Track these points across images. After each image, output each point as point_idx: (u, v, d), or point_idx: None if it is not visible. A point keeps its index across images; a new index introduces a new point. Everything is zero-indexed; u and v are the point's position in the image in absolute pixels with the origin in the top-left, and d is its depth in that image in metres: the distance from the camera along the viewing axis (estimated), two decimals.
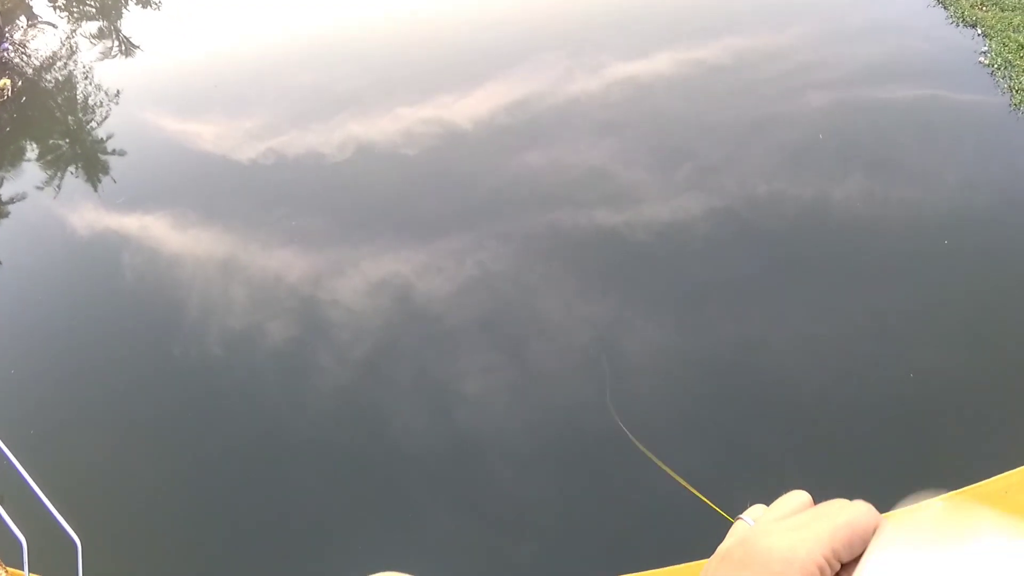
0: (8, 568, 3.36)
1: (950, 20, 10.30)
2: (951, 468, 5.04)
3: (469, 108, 9.91)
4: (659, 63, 10.26)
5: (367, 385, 6.58)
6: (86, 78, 12.97)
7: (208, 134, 10.41)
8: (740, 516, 0.65)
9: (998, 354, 5.90)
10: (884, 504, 0.68)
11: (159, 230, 8.74)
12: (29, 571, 2.86)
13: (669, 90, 9.77)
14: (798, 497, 0.64)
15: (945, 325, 6.26)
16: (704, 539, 0.67)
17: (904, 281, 6.70)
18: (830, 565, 0.56)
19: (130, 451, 6.21)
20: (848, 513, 0.58)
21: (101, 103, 12.21)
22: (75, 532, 3.16)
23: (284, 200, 8.90)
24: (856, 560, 0.58)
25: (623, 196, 8.04)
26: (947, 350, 6.01)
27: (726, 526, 0.65)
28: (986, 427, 5.35)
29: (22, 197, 10.16)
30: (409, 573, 0.74)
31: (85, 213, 9.42)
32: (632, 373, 6.27)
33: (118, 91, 12.24)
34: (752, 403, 5.90)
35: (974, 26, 10.04)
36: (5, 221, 9.91)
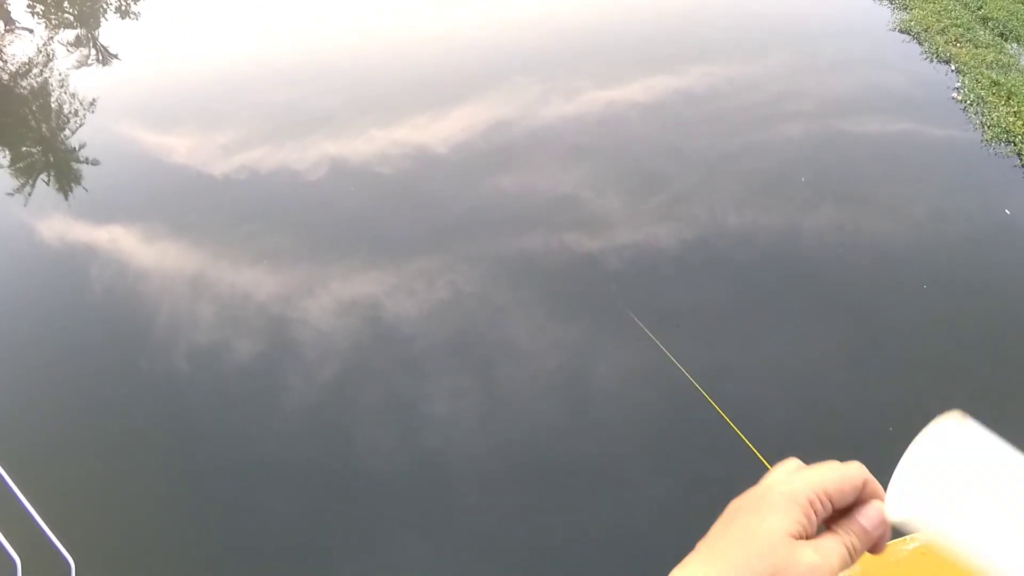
0: None
1: (924, 56, 10.44)
2: None
3: (443, 130, 9.91)
4: (633, 90, 10.33)
5: (343, 407, 6.51)
6: (61, 86, 12.84)
7: (182, 147, 10.33)
8: None
9: (969, 389, 5.92)
10: None
11: (129, 242, 8.64)
12: None
13: (642, 117, 9.83)
14: (792, 461, 0.73)
15: (914, 359, 6.28)
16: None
17: (872, 314, 6.73)
18: (821, 503, 0.65)
19: (125, 471, 6.09)
20: (841, 466, 0.68)
21: (76, 112, 12.08)
22: (69, 553, 3.09)
23: (255, 216, 8.84)
24: (846, 510, 0.67)
25: (595, 222, 8.05)
26: (916, 384, 6.03)
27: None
28: None
29: None
30: None
31: (55, 223, 9.30)
32: (598, 398, 6.24)
33: (93, 100, 12.13)
34: (716, 431, 5.87)
35: (948, 62, 10.19)
36: None
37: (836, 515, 0.67)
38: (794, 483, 0.66)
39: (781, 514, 0.63)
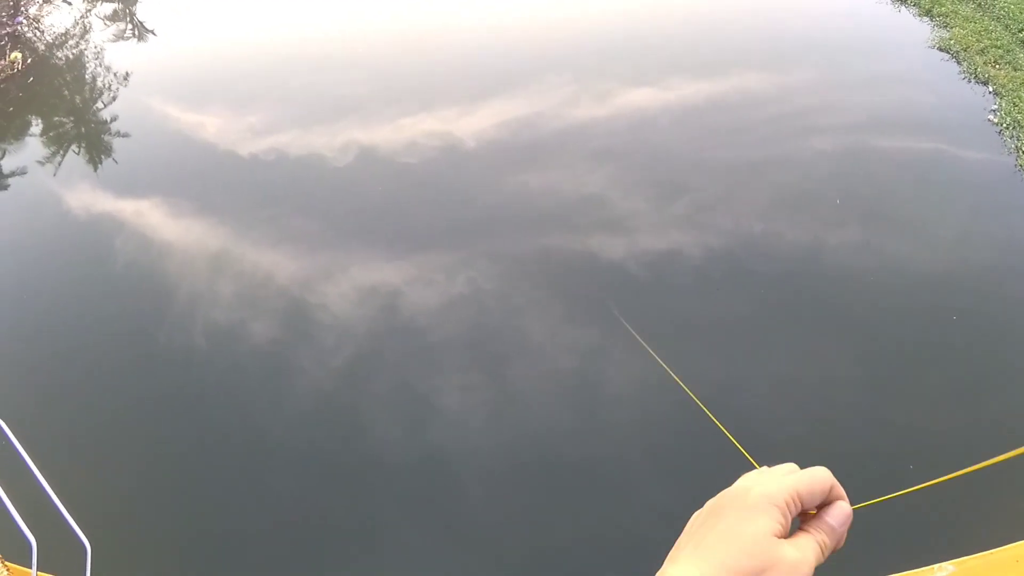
0: (9, 564, 3.30)
1: (962, 75, 10.28)
2: (956, 534, 4.96)
3: (471, 124, 9.90)
4: (663, 95, 10.26)
5: (355, 394, 6.52)
6: (96, 58, 12.97)
7: (211, 126, 10.40)
8: None
9: (989, 424, 5.81)
10: (886, 567, 0.75)
11: (154, 217, 8.71)
12: (37, 572, 2.81)
13: (671, 123, 9.76)
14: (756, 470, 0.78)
15: (941, 387, 6.15)
16: None
17: (891, 337, 6.64)
18: (794, 504, 0.70)
19: (142, 453, 6.10)
20: (811, 471, 0.74)
21: (109, 85, 12.20)
22: (85, 535, 3.10)
23: (280, 199, 8.89)
24: (816, 510, 0.73)
25: (617, 225, 8.01)
26: (935, 413, 5.92)
27: None
28: (991, 495, 5.24)
29: (23, 171, 10.13)
30: None
31: (82, 194, 9.39)
32: (606, 401, 6.21)
33: (127, 74, 12.24)
34: (726, 445, 5.82)
35: (985, 83, 10.02)
36: (3, 194, 9.88)
37: (803, 515, 0.74)
38: (770, 486, 0.71)
39: (764, 516, 0.68)
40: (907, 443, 5.71)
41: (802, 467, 0.76)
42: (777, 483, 0.71)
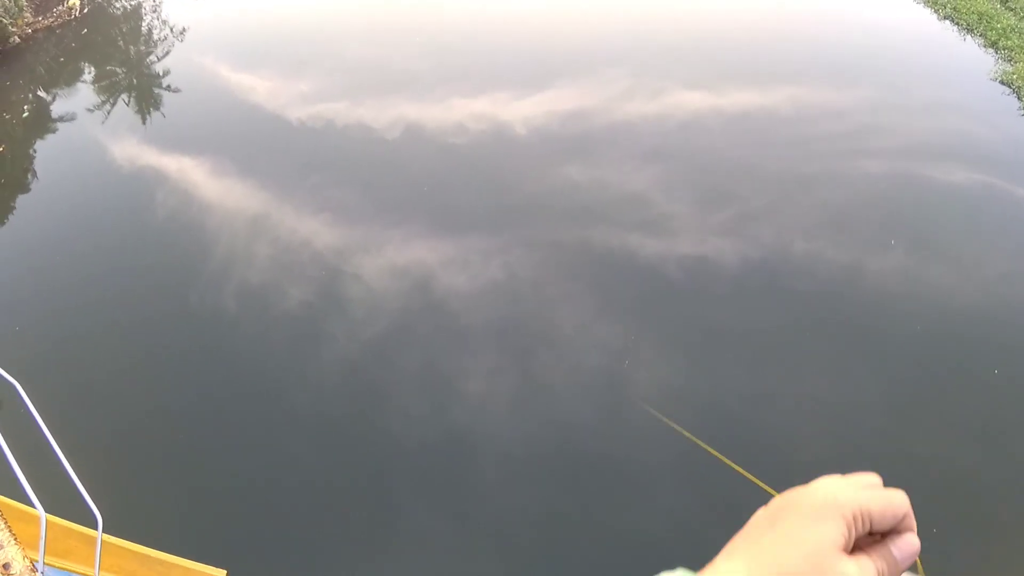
0: (18, 534, 3.31)
1: (1022, 112, 10.11)
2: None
3: (521, 110, 9.87)
4: (718, 100, 10.16)
5: (379, 368, 6.52)
6: (154, 12, 13.06)
7: (262, 89, 10.44)
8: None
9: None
10: None
11: (197, 174, 8.75)
12: (46, 544, 2.82)
13: (724, 129, 9.67)
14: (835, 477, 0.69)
15: (969, 423, 6.06)
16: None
17: (926, 367, 6.56)
18: (862, 521, 0.63)
19: (156, 431, 6.05)
20: (890, 492, 0.65)
21: (164, 39, 12.28)
22: (99, 502, 3.12)
23: (324, 167, 8.91)
24: (882, 536, 0.65)
25: (658, 226, 7.95)
26: (960, 450, 5.82)
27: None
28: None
29: (72, 117, 10.23)
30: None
31: (128, 144, 9.45)
32: (631, 404, 6.17)
33: (183, 30, 12.31)
34: (746, 459, 5.76)
35: None
36: (51, 137, 9.97)
37: (867, 537, 0.66)
38: (842, 494, 0.64)
39: (830, 524, 0.62)
40: (933, 480, 5.62)
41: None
42: (851, 494, 0.65)
